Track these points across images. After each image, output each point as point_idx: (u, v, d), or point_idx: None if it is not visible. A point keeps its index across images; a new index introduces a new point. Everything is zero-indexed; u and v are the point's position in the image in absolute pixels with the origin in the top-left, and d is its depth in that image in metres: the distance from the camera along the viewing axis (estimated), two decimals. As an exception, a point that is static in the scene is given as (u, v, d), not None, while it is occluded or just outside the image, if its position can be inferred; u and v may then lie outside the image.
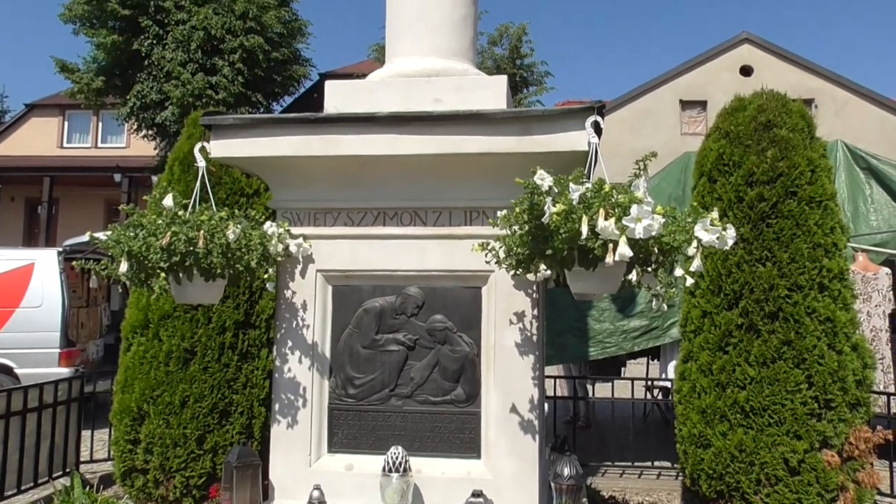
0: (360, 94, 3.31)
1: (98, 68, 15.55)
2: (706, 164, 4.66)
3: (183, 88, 14.17)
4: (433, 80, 3.27)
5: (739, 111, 4.75)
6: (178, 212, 2.93)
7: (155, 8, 14.93)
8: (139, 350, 4.53)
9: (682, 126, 17.44)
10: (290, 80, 16.26)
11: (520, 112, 2.95)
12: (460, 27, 3.49)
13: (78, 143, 21.71)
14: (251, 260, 2.98)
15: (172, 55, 14.53)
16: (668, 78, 17.85)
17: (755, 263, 4.22)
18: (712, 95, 17.16)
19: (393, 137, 3.02)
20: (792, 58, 17.61)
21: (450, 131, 2.97)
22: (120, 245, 2.82)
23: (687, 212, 2.58)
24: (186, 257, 2.80)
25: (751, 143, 4.53)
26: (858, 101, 17.25)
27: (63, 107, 21.27)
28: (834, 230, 4.29)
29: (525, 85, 15.74)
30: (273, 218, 3.40)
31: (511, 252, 2.66)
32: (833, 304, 4.10)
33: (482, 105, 3.11)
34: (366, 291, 3.33)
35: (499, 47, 15.62)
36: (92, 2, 14.68)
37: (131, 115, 15.68)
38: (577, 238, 2.33)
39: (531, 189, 2.42)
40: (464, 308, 3.24)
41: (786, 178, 4.34)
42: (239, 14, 14.50)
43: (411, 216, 3.25)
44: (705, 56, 17.76)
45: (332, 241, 3.32)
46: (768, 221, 4.29)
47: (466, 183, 3.13)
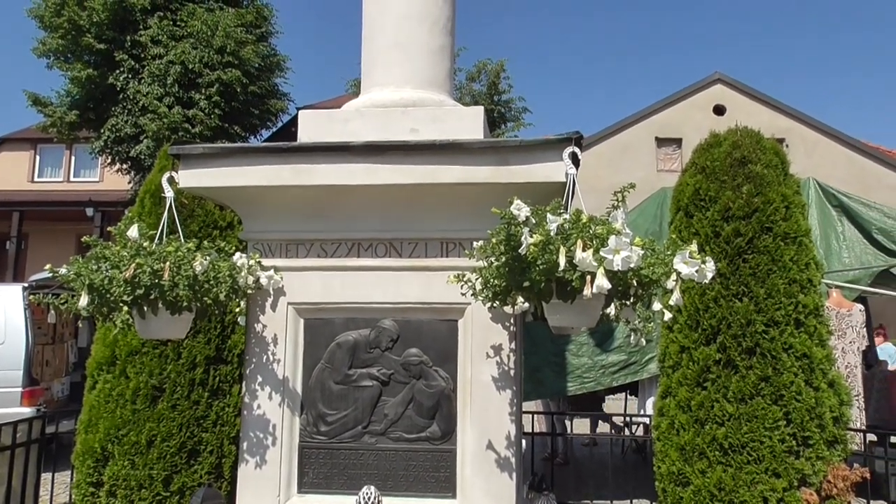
0: (334, 124, 3.27)
1: (72, 102, 15.43)
2: (683, 199, 4.68)
3: (159, 122, 14.08)
4: (409, 110, 3.23)
5: (715, 147, 4.79)
6: (144, 243, 2.83)
7: (131, 43, 14.91)
8: (105, 388, 4.36)
9: (657, 163, 17.68)
10: (268, 113, 16.27)
11: (497, 142, 2.92)
12: (437, 57, 3.48)
13: (50, 177, 21.42)
14: (220, 293, 2.88)
15: (149, 89, 14.47)
16: (644, 115, 18.15)
17: (732, 298, 4.21)
18: (687, 133, 17.45)
19: (368, 167, 2.97)
20: (763, 98, 18.03)
21: (426, 161, 2.93)
22: (80, 278, 2.71)
23: (666, 244, 2.55)
24: (151, 290, 2.70)
25: (726, 179, 4.55)
26: (828, 142, 17.67)
27: (35, 140, 21.03)
28: (809, 266, 4.31)
29: (503, 121, 15.90)
30: (244, 250, 3.31)
31: (488, 284, 2.60)
32: (809, 340, 4.09)
33: (459, 135, 3.07)
34: (339, 325, 3.24)
35: (477, 83, 15.83)
36: (67, 36, 14.62)
37: (105, 149, 15.53)
38: (554, 269, 2.28)
39: (508, 219, 2.37)
40: (440, 341, 3.16)
41: (761, 213, 4.37)
42: (217, 48, 14.51)
43: (386, 247, 3.18)
44: (679, 95, 18.12)
45: (304, 273, 3.23)
46: (745, 257, 4.29)
47: (442, 214, 3.08)
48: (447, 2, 3.47)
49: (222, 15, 14.86)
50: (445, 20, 3.45)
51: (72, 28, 14.56)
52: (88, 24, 14.50)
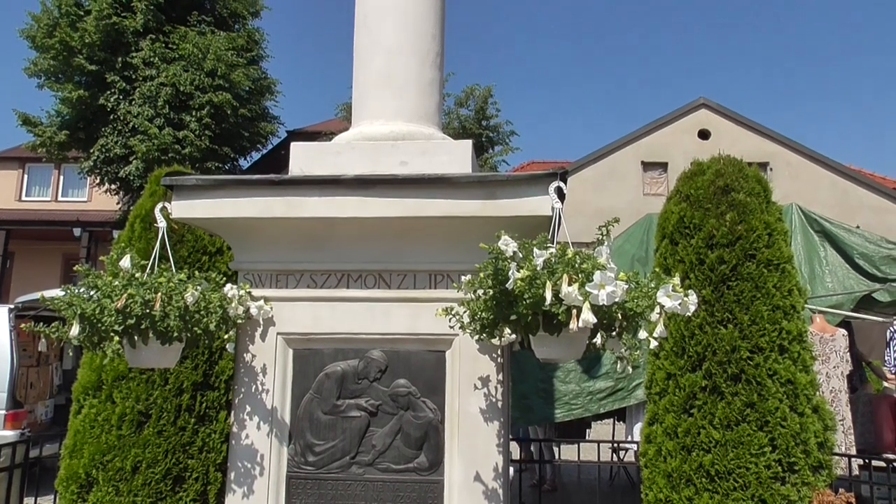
0: (325, 157, 3.31)
1: (62, 122, 15.45)
2: (668, 227, 4.75)
3: (149, 143, 14.12)
4: (399, 143, 3.29)
5: (698, 175, 4.88)
6: (136, 273, 2.86)
7: (122, 64, 14.97)
8: (90, 413, 4.35)
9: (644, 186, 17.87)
10: (258, 136, 16.36)
11: (484, 177, 2.97)
12: (427, 91, 3.54)
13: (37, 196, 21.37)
14: (210, 323, 2.91)
15: (139, 110, 14.52)
16: (630, 140, 18.37)
17: (717, 325, 4.26)
18: (673, 157, 17.69)
19: (359, 200, 3.01)
20: (747, 123, 18.31)
21: (415, 194, 2.98)
22: (72, 307, 2.73)
23: (650, 277, 2.61)
24: (142, 320, 2.72)
25: (710, 207, 4.63)
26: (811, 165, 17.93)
27: (23, 160, 20.99)
28: (792, 292, 4.37)
29: (491, 145, 16.04)
30: (234, 279, 3.34)
31: (475, 317, 2.64)
32: (793, 365, 4.14)
33: (448, 169, 3.13)
34: (327, 355, 3.26)
35: (465, 108, 15.96)
36: (58, 57, 14.67)
37: (94, 169, 15.53)
38: (541, 303, 2.33)
39: (495, 254, 2.42)
40: (428, 372, 3.19)
41: (744, 241, 4.44)
42: (207, 71, 14.60)
43: (375, 279, 3.22)
44: (665, 120, 18.37)
45: (293, 303, 3.26)
46: (729, 283, 4.35)
47: (431, 246, 3.12)
48: (436, 38, 3.54)
49: (214, 39, 14.98)
50: (435, 55, 3.52)
51: (63, 49, 14.63)
52: (80, 45, 14.57)
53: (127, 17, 14.92)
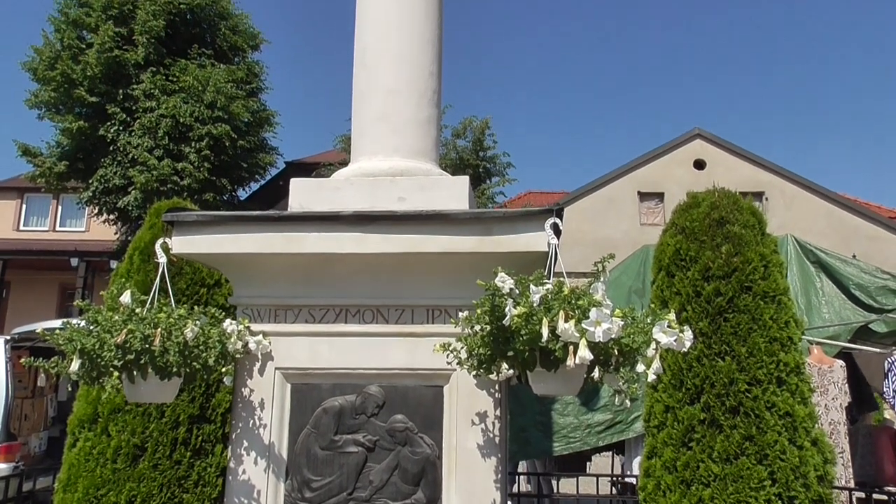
0: (324, 192, 3.35)
1: (61, 153, 15.54)
2: (664, 259, 4.78)
3: (148, 174, 14.20)
4: (397, 179, 3.33)
5: (694, 208, 4.92)
6: (136, 309, 2.87)
7: (123, 96, 15.11)
8: (85, 446, 4.33)
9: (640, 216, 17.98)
10: (257, 167, 16.46)
11: (481, 213, 3.01)
12: (424, 128, 3.59)
13: (35, 226, 21.42)
14: (209, 358, 2.92)
15: (139, 141, 14.62)
16: (626, 170, 18.52)
17: (715, 357, 4.27)
18: (669, 187, 17.82)
19: (357, 236, 3.04)
20: (741, 153, 18.47)
21: (413, 230, 3.01)
22: (73, 342, 2.74)
23: (645, 313, 2.63)
24: (141, 355, 2.73)
25: (705, 239, 4.67)
26: (806, 195, 18.06)
27: (22, 189, 21.09)
28: (788, 324, 4.39)
29: (488, 176, 16.14)
30: (233, 314, 3.35)
31: (473, 353, 2.66)
32: (791, 398, 4.15)
33: (445, 204, 3.17)
34: (325, 390, 3.26)
35: (462, 140, 16.10)
36: (59, 89, 14.81)
37: (93, 200, 15.58)
38: (538, 340, 2.35)
39: (492, 291, 2.44)
40: (425, 408, 3.19)
41: (740, 273, 4.47)
42: (207, 103, 14.74)
43: (373, 314, 3.23)
44: (661, 150, 18.54)
45: (292, 338, 3.27)
46: (725, 316, 4.37)
47: (429, 281, 3.15)
48: (434, 76, 3.61)
49: (214, 71, 15.15)
50: (432, 93, 3.58)
51: (65, 81, 14.78)
52: (82, 77, 14.72)
53: (128, 50, 15.11)
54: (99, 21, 15.07)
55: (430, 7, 3.69)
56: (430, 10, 3.69)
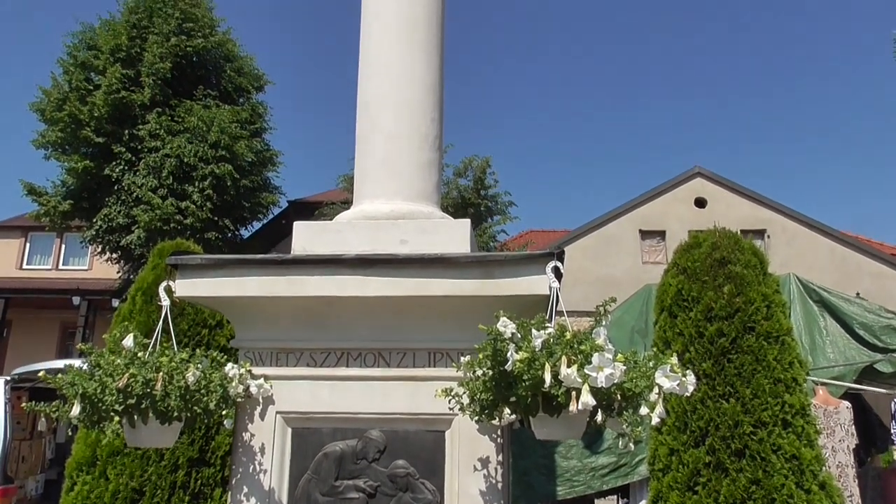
0: (327, 235, 3.37)
1: (66, 192, 15.66)
2: (666, 300, 4.78)
3: (151, 213, 14.28)
4: (399, 222, 3.35)
5: (695, 248, 4.94)
6: (138, 352, 2.87)
7: (129, 136, 15.29)
8: (83, 490, 4.28)
9: (642, 255, 17.97)
10: (259, 206, 16.55)
11: (483, 256, 3.02)
12: (425, 171, 3.63)
13: (38, 264, 21.46)
14: (210, 402, 2.90)
15: (143, 181, 14.75)
16: (627, 208, 18.58)
17: (719, 399, 4.24)
18: (670, 226, 17.87)
19: (359, 279, 3.05)
20: (742, 191, 18.54)
21: (415, 274, 3.02)
22: (74, 387, 2.73)
23: (647, 356, 2.62)
24: (143, 399, 2.72)
25: (707, 280, 4.68)
26: (808, 232, 18.07)
27: (26, 228, 21.20)
28: (793, 365, 4.37)
29: (490, 214, 16.22)
30: (234, 356, 3.35)
31: (475, 398, 2.64)
32: (798, 440, 4.10)
33: (447, 247, 3.18)
34: (326, 434, 3.23)
35: (464, 178, 16.20)
36: (66, 129, 14.99)
37: (96, 238, 15.65)
38: (540, 385, 2.34)
39: (494, 335, 2.44)
40: (427, 453, 3.15)
41: (743, 313, 4.46)
42: (211, 143, 14.90)
43: (375, 357, 3.23)
44: (661, 189, 18.62)
45: (293, 381, 3.26)
46: (729, 357, 4.36)
47: (430, 325, 3.15)
48: (435, 121, 3.66)
49: (218, 112, 15.34)
50: (433, 138, 3.63)
51: (72, 122, 14.96)
52: (88, 118, 14.91)
53: (135, 91, 15.33)
54: (107, 63, 15.32)
55: (431, 55, 3.77)
56: (432, 58, 3.77)
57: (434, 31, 3.83)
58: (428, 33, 3.79)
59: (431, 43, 3.79)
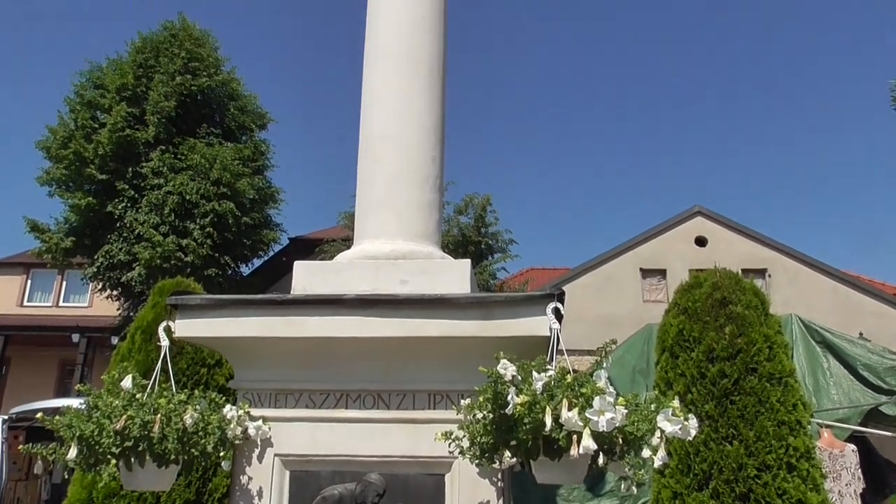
0: (327, 275, 3.37)
1: (69, 229, 15.72)
2: (667, 340, 4.76)
3: (152, 250, 14.31)
4: (400, 262, 3.36)
5: (696, 288, 4.94)
6: (136, 394, 2.85)
7: (132, 173, 15.41)
8: (78, 533, 4.22)
9: (643, 293, 17.94)
10: (260, 243, 16.59)
11: (483, 297, 3.02)
12: (426, 211, 3.65)
13: (39, 301, 21.43)
14: (208, 444, 2.87)
15: (146, 218, 14.81)
16: (628, 247, 18.62)
17: (722, 442, 4.20)
18: (671, 264, 17.87)
19: (359, 319, 3.05)
20: (742, 230, 18.59)
21: (415, 314, 3.01)
22: (72, 429, 2.71)
23: (649, 399, 2.60)
24: (140, 442, 2.69)
25: (708, 320, 4.66)
26: (809, 272, 18.06)
27: (28, 265, 21.22)
28: (796, 407, 4.33)
29: (490, 252, 16.23)
30: (233, 397, 3.32)
31: (475, 441, 2.62)
32: (803, 484, 4.04)
33: (447, 287, 3.18)
34: (325, 478, 3.19)
35: (464, 216, 16.26)
36: (71, 167, 15.12)
37: (97, 275, 15.66)
38: (541, 429, 2.32)
39: (494, 378, 2.43)
40: (427, 497, 3.10)
41: (745, 354, 4.44)
42: (213, 180, 15.00)
43: (374, 399, 3.20)
44: (662, 227, 18.68)
45: (292, 423, 3.22)
46: (731, 398, 4.32)
47: (430, 366, 3.13)
48: (436, 161, 3.70)
49: (221, 149, 15.48)
50: (434, 178, 3.66)
51: (76, 159, 15.08)
52: (93, 155, 15.04)
53: (140, 129, 15.50)
54: (113, 102, 15.52)
55: (433, 96, 3.82)
56: (433, 99, 3.82)
57: (436, 73, 3.89)
58: (430, 75, 3.84)
59: (433, 84, 3.85)
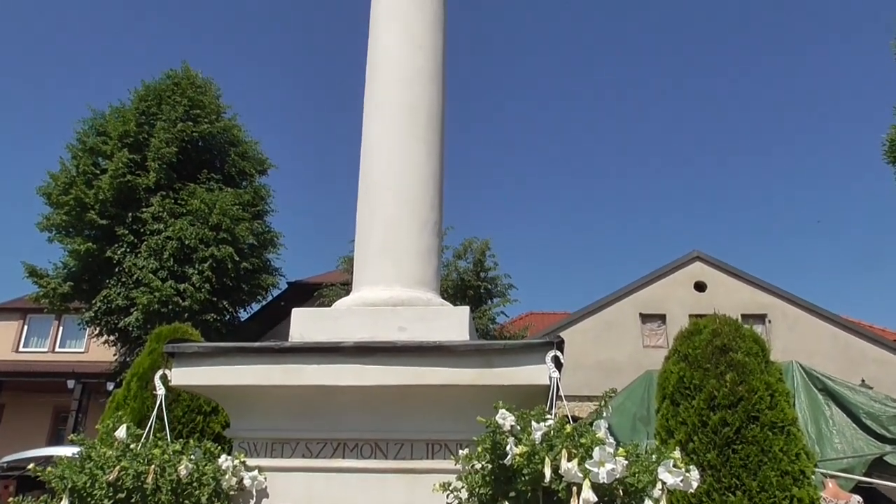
0: (325, 322, 3.36)
1: (67, 273, 15.70)
2: (668, 387, 4.73)
3: (150, 295, 14.28)
4: (398, 309, 3.35)
5: (696, 335, 4.92)
6: (130, 444, 2.82)
7: (132, 218, 15.46)
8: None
9: (643, 338, 17.86)
10: (259, 288, 16.55)
11: (482, 345, 3.01)
12: (425, 258, 3.66)
13: (35, 346, 21.27)
14: (202, 496, 2.83)
15: (145, 263, 14.81)
16: (627, 292, 18.60)
17: (725, 492, 4.13)
18: (670, 309, 17.83)
19: (357, 368, 3.03)
20: (741, 275, 18.60)
21: (413, 362, 2.99)
22: (64, 480, 2.67)
23: (650, 450, 2.57)
24: (133, 493, 2.65)
25: (709, 367, 4.64)
26: (809, 317, 18.00)
27: (25, 311, 21.13)
28: (800, 457, 4.28)
29: (489, 297, 16.21)
30: (228, 446, 3.27)
31: (474, 492, 2.57)
32: (810, 537, 3.97)
33: (446, 334, 3.17)
34: (321, 529, 3.13)
35: (463, 260, 16.28)
36: (71, 213, 15.17)
37: (95, 320, 15.58)
38: (540, 480, 2.29)
39: (493, 428, 2.40)
40: (424, 549, 3.04)
41: (746, 402, 4.40)
42: (212, 225, 15.04)
43: (372, 448, 3.15)
44: (660, 272, 18.69)
45: (288, 473, 3.16)
46: (734, 447, 4.27)
47: (429, 414, 3.09)
48: (434, 207, 3.72)
49: (221, 195, 15.57)
50: (433, 224, 3.68)
51: (77, 205, 15.15)
52: (94, 201, 15.12)
53: (141, 175, 15.62)
54: (114, 148, 15.67)
55: (431, 143, 3.86)
56: (432, 146, 3.86)
57: (435, 120, 3.93)
58: (429, 122, 3.89)
59: (432, 131, 3.89)
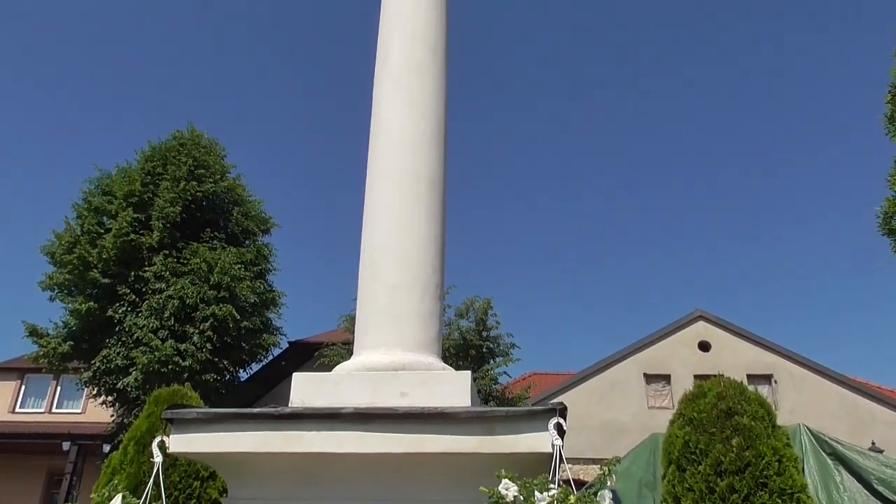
0: (326, 387, 3.33)
1: (67, 333, 15.60)
2: (673, 452, 4.65)
3: (150, 355, 14.15)
4: (399, 373, 3.33)
5: (700, 398, 4.87)
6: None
7: (134, 277, 15.46)
8: None
9: (648, 399, 17.62)
10: (259, 347, 16.40)
11: (483, 412, 2.97)
12: (426, 322, 3.65)
13: (32, 407, 20.97)
14: (196, 569, 2.75)
15: (145, 322, 14.73)
16: (631, 351, 18.45)
17: (735, 563, 4.01)
18: (675, 369, 17.66)
19: (357, 434, 2.98)
20: (745, 334, 18.47)
21: (414, 429, 2.95)
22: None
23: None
24: (126, 565, 2.58)
25: (715, 431, 4.57)
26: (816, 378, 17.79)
27: (23, 370, 20.94)
28: (812, 526, 4.17)
29: (492, 356, 16.03)
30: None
31: (476, 564, 2.51)
32: None
33: (447, 399, 3.14)
34: None
35: (465, 320, 16.17)
36: (74, 272, 15.18)
37: (93, 380, 15.40)
38: (544, 553, 2.23)
39: (496, 499, 2.35)
40: None
41: (754, 468, 4.32)
42: (213, 284, 15.02)
43: (371, 517, 3.09)
44: (664, 332, 18.58)
45: (286, 544, 3.10)
46: (743, 515, 4.16)
47: (430, 482, 3.03)
48: (436, 271, 3.74)
49: (223, 254, 15.60)
50: (435, 287, 3.69)
51: (80, 264, 15.16)
52: (97, 260, 15.14)
53: (144, 234, 15.69)
54: (119, 208, 15.78)
55: (433, 207, 3.90)
56: (434, 210, 3.90)
57: (436, 184, 3.99)
58: (430, 187, 3.94)
59: (434, 195, 3.94)
